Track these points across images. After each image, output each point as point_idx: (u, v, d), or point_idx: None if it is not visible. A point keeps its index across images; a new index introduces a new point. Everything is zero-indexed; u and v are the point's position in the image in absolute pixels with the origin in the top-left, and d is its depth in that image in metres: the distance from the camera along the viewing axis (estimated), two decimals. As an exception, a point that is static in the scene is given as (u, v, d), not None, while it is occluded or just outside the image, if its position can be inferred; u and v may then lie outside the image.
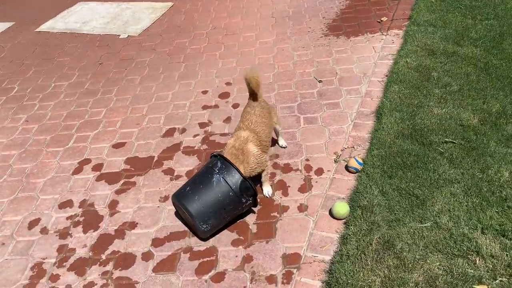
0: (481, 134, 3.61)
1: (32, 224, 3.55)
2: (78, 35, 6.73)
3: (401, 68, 4.65)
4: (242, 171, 3.18)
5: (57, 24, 7.12)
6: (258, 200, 3.43)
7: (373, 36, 5.52)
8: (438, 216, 2.98)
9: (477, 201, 3.04)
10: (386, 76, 4.66)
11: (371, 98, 4.39)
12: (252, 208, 3.34)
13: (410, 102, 4.12)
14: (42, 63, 6.07)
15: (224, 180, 3.06)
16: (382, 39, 5.43)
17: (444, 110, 3.94)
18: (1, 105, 5.21)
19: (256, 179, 3.53)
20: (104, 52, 6.13)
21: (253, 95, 3.57)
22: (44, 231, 3.48)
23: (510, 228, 2.81)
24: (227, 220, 3.17)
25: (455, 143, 3.56)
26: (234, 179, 3.07)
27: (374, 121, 4.06)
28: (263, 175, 3.45)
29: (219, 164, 3.14)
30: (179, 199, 3.11)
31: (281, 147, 3.94)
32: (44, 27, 7.09)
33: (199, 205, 3.03)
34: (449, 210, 3.01)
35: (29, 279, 3.11)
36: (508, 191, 3.07)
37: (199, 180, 3.16)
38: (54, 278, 3.09)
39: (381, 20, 5.85)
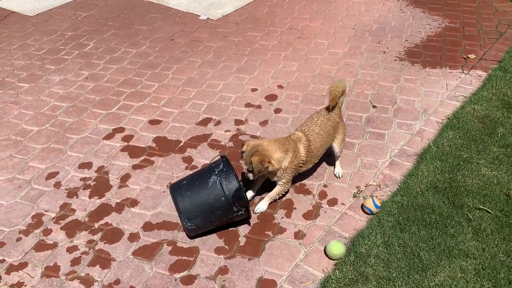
0: (525, 211, 3.13)
1: (50, 176, 3.74)
2: (164, 7, 6.95)
3: (465, 114, 4.18)
4: (289, 157, 3.10)
5: (149, -7, 7.41)
6: (253, 214, 3.30)
7: (451, 72, 5.02)
8: (435, 290, 2.64)
9: (488, 286, 2.64)
10: (448, 118, 4.22)
11: (421, 139, 4.01)
12: (248, 219, 3.22)
13: (459, 154, 3.69)
14: (122, 27, 6.36)
15: (220, 183, 2.97)
16: (460, 77, 4.92)
17: (493, 172, 3.47)
18: (72, 59, 5.55)
19: (261, 192, 3.39)
20: (180, 29, 6.26)
21: (329, 106, 3.44)
22: (57, 185, 3.65)
23: (512, 330, 2.41)
24: (214, 225, 3.08)
25: (490, 213, 3.12)
26: (231, 185, 2.96)
27: (413, 164, 3.70)
28: (275, 190, 3.29)
29: (221, 166, 3.06)
30: (173, 190, 3.09)
31: (335, 175, 3.66)
32: (138, -7, 7.41)
33: (188, 201, 2.98)
34: (450, 286, 2.65)
35: (27, 226, 3.29)
36: (529, 286, 2.63)
37: (197, 177, 3.11)
38: (47, 232, 3.24)
39: (467, 57, 5.30)
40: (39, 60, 5.52)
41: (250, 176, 3.13)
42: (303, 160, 3.23)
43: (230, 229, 3.21)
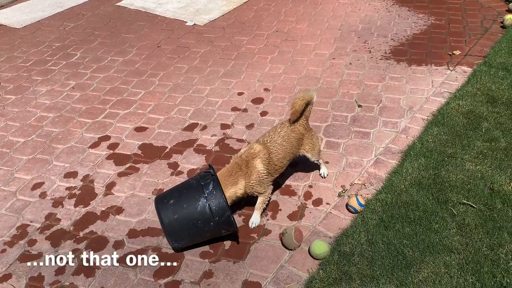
0: (509, 204, 3.12)
1: (35, 186, 3.74)
2: (151, 15, 6.97)
3: (450, 110, 4.19)
4: (241, 185, 3.05)
5: (136, 1, 7.44)
6: (238, 217, 3.30)
7: (436, 69, 5.04)
8: (419, 285, 2.63)
9: (471, 280, 2.63)
10: (433, 115, 4.22)
11: (406, 136, 4.01)
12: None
13: (443, 149, 3.69)
14: (108, 36, 6.38)
15: (210, 208, 2.89)
16: (446, 73, 4.93)
17: (477, 167, 3.48)
18: (59, 69, 5.56)
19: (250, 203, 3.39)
20: (166, 36, 6.28)
21: (290, 119, 3.33)
22: (42, 195, 3.65)
23: (495, 323, 2.40)
24: (200, 241, 3.07)
25: (474, 207, 3.12)
26: (220, 210, 2.88)
27: (398, 162, 3.70)
28: (259, 201, 3.23)
29: (210, 187, 2.93)
30: (159, 209, 2.99)
31: (320, 175, 3.64)
32: (124, 2, 7.45)
33: (176, 224, 2.92)
34: (434, 281, 2.64)
35: (11, 237, 3.28)
36: (512, 279, 2.62)
37: (184, 197, 2.98)
38: (32, 242, 3.23)
39: (453, 53, 5.32)
40: (26, 72, 5.53)
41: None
42: (264, 173, 3.12)
43: (215, 233, 3.20)
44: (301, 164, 3.72)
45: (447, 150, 3.69)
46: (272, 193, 3.34)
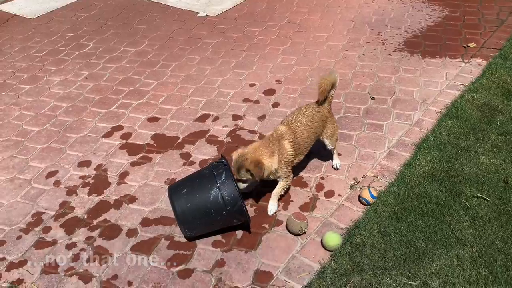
0: (524, 198, 3.09)
1: (49, 175, 3.78)
2: (163, 5, 6.97)
3: (464, 103, 4.15)
4: (276, 159, 3.05)
5: (149, -8, 7.44)
6: (250, 208, 3.32)
7: (451, 62, 4.98)
8: (431, 278, 2.62)
9: (484, 273, 2.62)
10: (447, 107, 4.18)
11: (420, 129, 3.98)
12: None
13: (457, 142, 3.66)
14: (121, 26, 6.40)
15: (222, 198, 2.89)
16: (460, 66, 4.88)
17: (492, 160, 3.44)
18: (72, 59, 5.60)
19: (262, 191, 3.40)
20: (178, 27, 6.28)
21: (318, 100, 3.40)
22: (56, 184, 3.69)
23: (508, 316, 2.39)
24: (213, 230, 3.09)
25: (488, 200, 3.09)
26: (233, 200, 2.89)
27: (411, 155, 3.68)
28: (278, 186, 3.25)
29: (223, 177, 2.94)
30: (172, 198, 3.01)
31: (333, 167, 3.65)
32: (137, -7, 7.44)
33: (189, 214, 2.94)
34: (446, 274, 2.63)
35: (27, 224, 3.33)
36: (526, 272, 2.60)
37: (197, 186, 2.99)
38: (46, 230, 3.28)
39: (468, 46, 5.25)
40: (39, 62, 5.58)
41: (242, 186, 3.07)
42: (291, 155, 3.17)
43: (227, 223, 3.22)
44: (314, 155, 3.71)
45: (461, 143, 3.66)
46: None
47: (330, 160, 3.68)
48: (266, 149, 3.07)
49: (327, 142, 3.49)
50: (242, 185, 3.09)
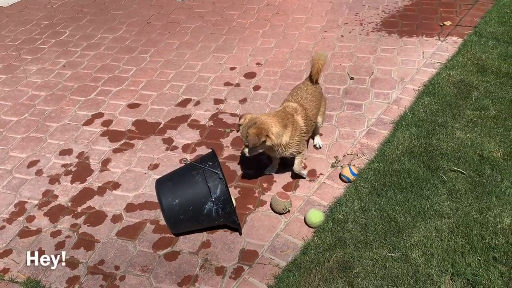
0: (498, 170, 3.20)
1: (31, 164, 3.75)
2: (139, -9, 6.87)
3: (441, 80, 4.23)
4: (288, 133, 3.05)
5: (124, -23, 7.31)
6: (233, 189, 3.36)
7: (427, 40, 5.05)
8: (411, 249, 2.71)
9: (461, 242, 2.72)
10: (424, 85, 4.26)
11: (398, 107, 4.05)
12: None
13: (434, 119, 3.75)
14: (97, 13, 6.30)
15: (217, 213, 2.89)
16: (436, 44, 4.96)
17: (467, 135, 3.54)
18: (49, 48, 5.50)
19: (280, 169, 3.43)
20: (156, 12, 6.21)
21: (312, 78, 3.45)
22: (38, 173, 3.67)
23: (484, 282, 2.49)
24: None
25: (464, 174, 3.19)
26: (227, 214, 2.91)
27: (390, 132, 3.75)
28: (296, 163, 3.27)
29: (218, 192, 2.85)
30: (164, 208, 2.89)
31: (314, 146, 3.69)
32: (112, -22, 7.30)
33: (181, 224, 2.95)
34: (425, 245, 2.73)
35: (10, 214, 3.31)
36: (500, 240, 2.71)
37: (190, 200, 2.87)
38: (30, 219, 3.27)
39: (444, 24, 5.33)
40: (15, 51, 5.47)
41: (246, 151, 3.04)
42: (304, 130, 3.19)
43: (211, 205, 3.26)
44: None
45: (438, 119, 3.75)
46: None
47: (312, 140, 3.73)
48: (281, 120, 3.05)
49: (319, 119, 3.52)
50: (245, 150, 3.05)
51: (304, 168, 3.48)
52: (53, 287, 2.78)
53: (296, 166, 3.30)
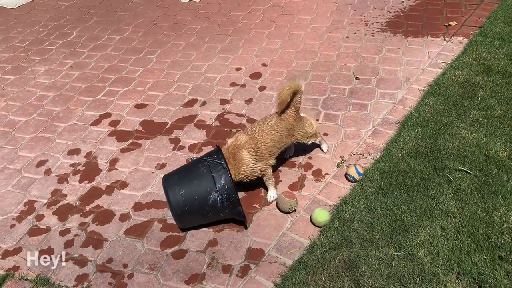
0: (504, 169, 3.21)
1: (39, 164, 3.80)
2: (146, -8, 6.92)
3: (446, 80, 4.24)
4: (232, 176, 3.03)
5: (131, -22, 7.36)
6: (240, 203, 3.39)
7: (433, 40, 5.06)
8: (416, 248, 2.73)
9: (467, 242, 2.74)
10: (429, 85, 4.27)
11: (404, 107, 4.07)
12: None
13: (439, 119, 3.76)
14: (104, 14, 6.35)
15: (222, 203, 2.92)
16: (442, 44, 4.96)
17: (473, 135, 3.55)
18: (56, 49, 5.56)
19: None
20: (162, 13, 6.26)
21: (277, 111, 3.26)
22: (47, 172, 3.71)
23: (490, 280, 2.51)
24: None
25: (469, 173, 3.21)
26: (231, 204, 2.93)
27: (396, 132, 3.77)
28: (264, 179, 3.27)
29: (222, 181, 2.90)
30: (170, 199, 2.94)
31: (321, 150, 3.69)
32: (119, -20, 7.36)
33: (187, 215, 2.97)
34: (431, 244, 2.75)
35: (19, 213, 3.36)
36: (506, 239, 2.72)
37: (195, 190, 2.93)
38: (39, 217, 3.31)
39: (449, 24, 5.34)
40: (23, 52, 5.53)
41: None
42: (251, 163, 3.10)
43: (218, 204, 3.29)
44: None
45: (443, 119, 3.76)
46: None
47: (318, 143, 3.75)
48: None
49: (304, 141, 3.45)
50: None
51: (306, 171, 3.50)
52: (62, 285, 2.82)
53: (266, 183, 3.29)
